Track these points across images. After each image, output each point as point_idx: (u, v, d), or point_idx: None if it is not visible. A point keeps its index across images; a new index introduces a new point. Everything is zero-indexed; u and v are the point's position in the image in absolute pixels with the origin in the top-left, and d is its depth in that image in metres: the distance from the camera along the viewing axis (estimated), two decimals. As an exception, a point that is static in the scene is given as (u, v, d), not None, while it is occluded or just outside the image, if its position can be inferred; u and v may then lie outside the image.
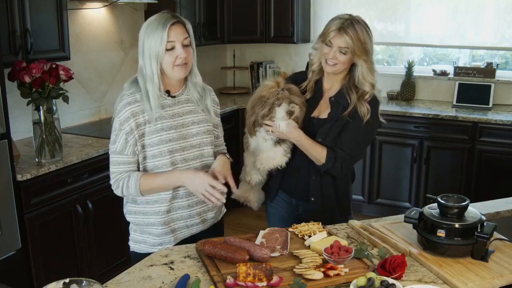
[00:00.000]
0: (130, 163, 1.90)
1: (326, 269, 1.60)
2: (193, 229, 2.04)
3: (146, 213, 1.98)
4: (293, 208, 2.27)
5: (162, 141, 1.89)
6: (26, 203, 2.68)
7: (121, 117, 1.87)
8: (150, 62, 1.85)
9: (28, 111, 2.85)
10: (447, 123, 4.14)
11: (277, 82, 2.07)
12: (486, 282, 1.57)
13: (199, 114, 2.00)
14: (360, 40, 2.02)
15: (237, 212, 4.57)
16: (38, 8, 2.90)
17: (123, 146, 1.88)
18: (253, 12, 4.80)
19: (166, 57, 1.84)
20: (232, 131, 4.40)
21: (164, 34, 1.82)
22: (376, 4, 4.73)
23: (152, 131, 1.88)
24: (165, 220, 1.97)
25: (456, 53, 4.85)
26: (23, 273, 2.69)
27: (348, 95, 2.10)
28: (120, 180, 1.91)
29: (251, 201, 2.32)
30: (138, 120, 1.87)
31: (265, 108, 2.05)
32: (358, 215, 2.31)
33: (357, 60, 2.06)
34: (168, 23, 1.83)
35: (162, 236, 1.98)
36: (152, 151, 1.90)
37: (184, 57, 1.87)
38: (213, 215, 2.09)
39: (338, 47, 2.04)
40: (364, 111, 2.08)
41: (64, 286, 1.29)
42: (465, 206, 1.74)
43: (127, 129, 1.86)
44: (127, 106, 1.87)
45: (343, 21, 2.04)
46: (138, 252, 2.02)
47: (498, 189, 3.86)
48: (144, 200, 1.96)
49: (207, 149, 2.02)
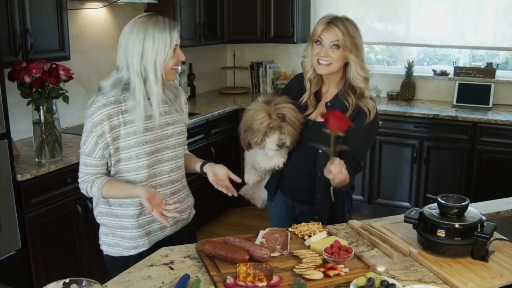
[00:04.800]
0: (97, 165, 1.88)
1: (326, 269, 1.60)
2: (166, 231, 2.03)
3: (120, 215, 1.95)
4: (291, 209, 2.28)
5: (139, 143, 1.87)
6: (26, 203, 2.67)
7: (95, 119, 1.83)
8: (155, 65, 1.80)
9: (28, 111, 2.85)
10: (447, 123, 4.14)
11: (268, 112, 2.03)
12: (486, 282, 1.57)
13: (173, 115, 1.98)
14: (350, 34, 2.01)
15: (237, 212, 4.58)
16: (38, 8, 2.90)
17: (92, 148, 1.86)
18: (253, 12, 4.80)
19: (171, 60, 1.84)
20: (232, 131, 4.40)
21: (173, 37, 1.81)
22: (376, 4, 4.73)
23: (128, 133, 1.86)
24: (140, 223, 1.95)
25: (456, 53, 4.85)
26: (23, 273, 2.69)
27: (345, 100, 2.07)
28: (85, 182, 1.90)
29: (255, 199, 2.35)
30: (113, 122, 1.83)
31: (257, 137, 2.04)
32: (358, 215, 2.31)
33: (348, 55, 2.02)
34: (175, 27, 1.83)
35: (136, 239, 1.95)
36: (128, 153, 1.87)
37: (184, 59, 1.88)
38: (185, 216, 2.09)
39: (330, 42, 2.02)
40: (369, 107, 2.05)
41: (64, 286, 1.29)
42: (465, 206, 1.74)
43: (99, 131, 1.83)
44: (102, 108, 1.83)
45: (330, 18, 2.04)
46: (112, 255, 2.00)
47: (498, 189, 3.86)
48: (117, 202, 1.94)
49: (180, 150, 2.01)
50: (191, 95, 4.80)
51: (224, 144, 4.37)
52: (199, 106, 4.48)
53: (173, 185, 2.00)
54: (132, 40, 1.81)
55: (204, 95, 5.02)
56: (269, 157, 2.14)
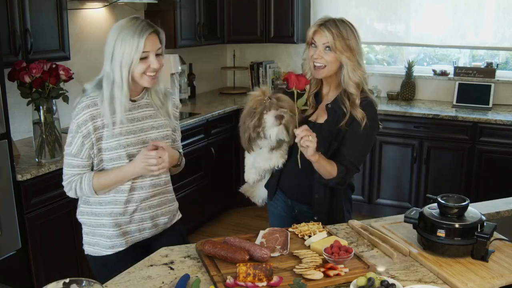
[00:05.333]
0: (84, 166, 1.90)
1: (326, 269, 1.60)
2: (145, 233, 2.02)
3: (98, 214, 1.97)
4: (290, 209, 2.28)
5: (121, 145, 1.88)
6: (26, 203, 2.67)
7: (79, 120, 1.84)
8: (121, 69, 1.80)
9: (28, 111, 2.85)
10: (447, 123, 4.14)
11: (263, 91, 2.05)
12: (486, 282, 1.57)
13: (158, 119, 1.97)
14: (343, 36, 2.01)
15: (237, 212, 4.58)
16: (38, 8, 2.90)
17: (79, 149, 1.87)
18: (253, 12, 4.80)
19: (138, 66, 1.82)
20: (232, 131, 4.40)
21: (140, 43, 1.78)
22: (376, 4, 4.73)
23: (110, 135, 1.86)
24: (117, 222, 1.96)
25: (456, 53, 4.85)
26: (23, 273, 2.69)
27: (343, 104, 2.08)
28: (72, 182, 1.91)
29: (255, 197, 2.36)
30: (96, 123, 1.85)
31: (255, 118, 2.03)
32: (358, 215, 2.31)
33: (340, 56, 2.03)
34: (146, 32, 1.80)
35: (113, 238, 1.97)
36: (110, 155, 1.88)
37: (156, 68, 1.85)
38: (165, 220, 2.07)
39: (322, 44, 2.03)
40: (359, 117, 2.05)
41: (64, 286, 1.29)
42: (465, 206, 1.74)
43: (84, 132, 1.85)
44: (86, 109, 1.84)
45: (325, 20, 2.05)
46: (93, 255, 2.02)
47: (498, 189, 3.86)
48: (97, 201, 1.95)
49: None
50: (191, 95, 4.80)
51: (224, 144, 4.37)
52: (199, 106, 4.48)
53: (155, 188, 1.99)
54: (108, 41, 1.83)
55: (204, 95, 5.02)
56: (269, 157, 2.14)
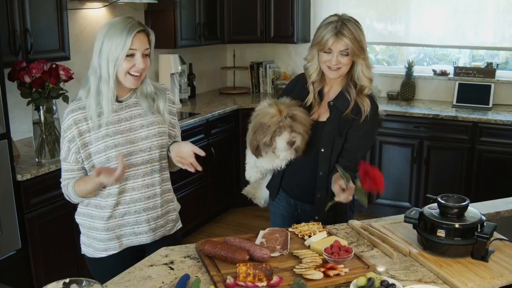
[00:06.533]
0: (73, 170, 1.90)
1: (326, 269, 1.60)
2: (142, 238, 1.98)
3: (93, 216, 1.96)
4: (293, 208, 2.28)
5: (108, 147, 1.86)
6: (26, 203, 2.68)
7: (65, 125, 1.87)
8: (108, 64, 1.81)
9: (28, 111, 2.85)
10: (447, 123, 4.14)
11: (280, 110, 2.02)
12: (486, 282, 1.58)
13: (148, 117, 1.94)
14: (357, 39, 2.02)
15: (237, 212, 4.58)
16: (38, 8, 2.90)
17: (66, 153, 1.89)
18: (253, 12, 4.80)
19: (124, 63, 1.82)
20: (232, 131, 4.40)
21: (127, 40, 1.79)
22: (376, 4, 4.74)
23: (97, 138, 1.86)
24: (109, 226, 1.94)
25: (456, 53, 4.85)
26: (23, 273, 2.69)
27: (348, 92, 2.11)
28: (64, 187, 1.93)
29: (258, 198, 2.36)
30: (81, 128, 1.85)
31: (267, 136, 2.02)
32: (358, 215, 2.31)
33: (356, 59, 2.06)
34: (134, 30, 1.80)
35: (106, 241, 1.96)
36: (99, 158, 1.87)
37: (141, 68, 1.84)
38: (162, 223, 2.02)
39: (339, 51, 2.03)
40: (365, 105, 2.08)
41: (64, 286, 1.29)
42: (465, 206, 1.75)
43: (69, 136, 1.86)
44: (70, 113, 1.86)
45: (335, 25, 2.02)
46: (88, 256, 2.02)
47: (498, 189, 3.86)
48: (93, 203, 1.95)
49: (156, 153, 1.94)
50: (191, 95, 4.80)
51: (224, 144, 4.37)
52: (199, 106, 4.47)
53: (148, 189, 1.95)
54: (98, 36, 1.86)
55: (204, 95, 5.02)
56: (272, 158, 2.13)
